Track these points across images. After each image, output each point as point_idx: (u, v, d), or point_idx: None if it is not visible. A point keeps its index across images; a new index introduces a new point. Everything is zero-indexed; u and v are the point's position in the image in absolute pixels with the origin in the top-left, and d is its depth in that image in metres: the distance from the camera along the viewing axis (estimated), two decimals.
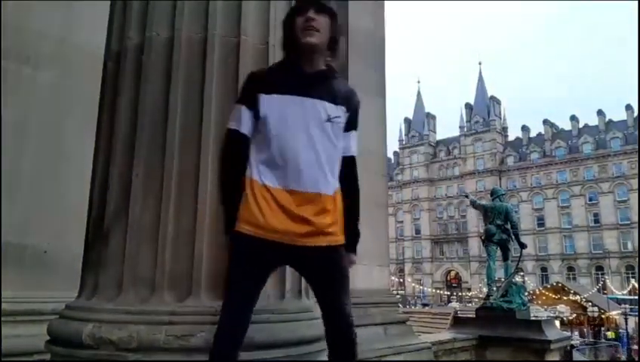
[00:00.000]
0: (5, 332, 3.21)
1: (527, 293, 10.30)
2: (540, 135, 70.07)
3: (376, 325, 4.84)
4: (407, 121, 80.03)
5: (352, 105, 1.77)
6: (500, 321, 7.04)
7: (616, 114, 65.71)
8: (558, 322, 21.87)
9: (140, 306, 2.01)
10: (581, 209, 61.80)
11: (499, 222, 8.18)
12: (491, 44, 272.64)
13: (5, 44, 3.89)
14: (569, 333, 14.41)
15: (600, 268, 58.65)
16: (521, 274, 19.29)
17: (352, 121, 1.80)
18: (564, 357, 7.53)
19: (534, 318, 8.99)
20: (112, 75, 2.46)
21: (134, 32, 2.38)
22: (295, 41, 1.69)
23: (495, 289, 7.84)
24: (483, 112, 73.07)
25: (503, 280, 7.95)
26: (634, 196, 54.48)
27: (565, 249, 62.37)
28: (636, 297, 36.86)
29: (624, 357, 22.42)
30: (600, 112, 65.71)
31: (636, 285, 43.58)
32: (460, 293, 58.77)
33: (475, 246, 61.15)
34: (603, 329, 29.21)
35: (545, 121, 70.09)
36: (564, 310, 30.34)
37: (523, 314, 7.37)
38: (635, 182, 52.93)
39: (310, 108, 1.65)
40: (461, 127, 74.42)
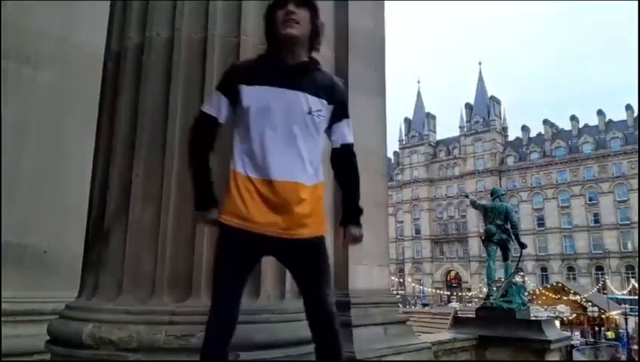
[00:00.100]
0: (5, 332, 3.21)
1: (527, 293, 10.29)
2: (540, 135, 70.01)
3: (376, 325, 4.83)
4: (407, 121, 79.97)
5: (335, 95, 1.78)
6: (500, 321, 7.04)
7: (616, 114, 65.77)
8: (558, 322, 21.86)
9: (140, 306, 2.01)
10: (581, 209, 61.75)
11: (499, 222, 8.17)
12: (491, 44, 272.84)
13: (5, 44, 3.89)
14: (569, 333, 14.39)
15: (600, 268, 58.60)
16: (521, 274, 19.28)
17: (341, 110, 1.80)
18: (564, 357, 7.52)
19: (534, 318, 8.98)
20: (112, 75, 2.46)
21: (134, 32, 2.38)
22: (276, 34, 1.71)
23: (495, 289, 7.83)
24: (483, 112, 73.03)
25: (503, 280, 7.93)
26: (634, 196, 54.44)
27: (565, 249, 62.31)
28: (636, 297, 36.84)
29: (624, 357, 22.40)
30: (600, 112, 65.65)
31: (636, 285, 43.56)
32: (460, 293, 58.70)
33: (475, 246, 61.09)
34: (603, 329, 29.18)
35: (545, 121, 70.04)
36: (564, 310, 30.31)
37: (523, 314, 7.37)
38: (635, 182, 52.90)
39: (291, 100, 1.67)
40: (461, 127, 74.37)
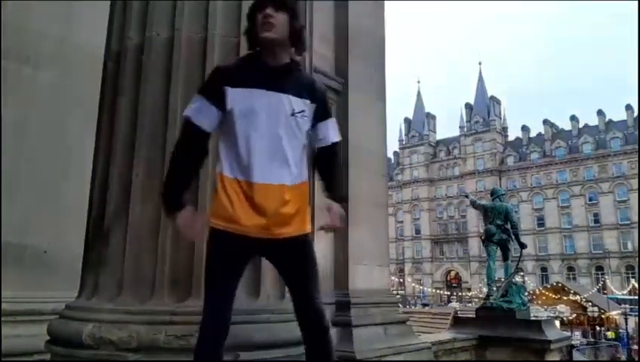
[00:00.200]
0: (5, 332, 3.21)
1: (527, 293, 10.30)
2: (540, 135, 70.01)
3: (376, 325, 4.84)
4: (407, 121, 79.97)
5: (317, 95, 1.80)
6: (500, 321, 7.04)
7: (616, 114, 65.76)
8: (558, 322, 21.86)
9: (140, 306, 2.01)
10: (581, 209, 61.74)
11: (499, 222, 8.18)
12: (491, 44, 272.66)
13: (5, 44, 3.89)
14: (569, 333, 14.38)
15: (600, 268, 58.59)
16: (521, 274, 19.29)
17: (324, 109, 1.82)
18: (564, 357, 7.52)
19: (534, 318, 8.99)
20: (112, 75, 2.46)
21: (134, 32, 2.38)
22: (256, 37, 1.74)
23: (495, 289, 7.84)
24: (483, 112, 73.02)
25: (503, 280, 7.94)
26: (634, 196, 54.43)
27: (565, 249, 62.29)
28: (636, 297, 36.84)
29: (624, 357, 22.40)
30: (600, 112, 65.64)
31: (636, 285, 43.55)
32: (460, 293, 58.69)
33: (475, 246, 61.09)
34: (603, 329, 29.18)
35: (545, 121, 70.03)
36: (564, 310, 30.32)
37: (523, 314, 7.37)
38: (635, 182, 52.88)
39: (275, 102, 1.69)
40: (461, 127, 74.36)
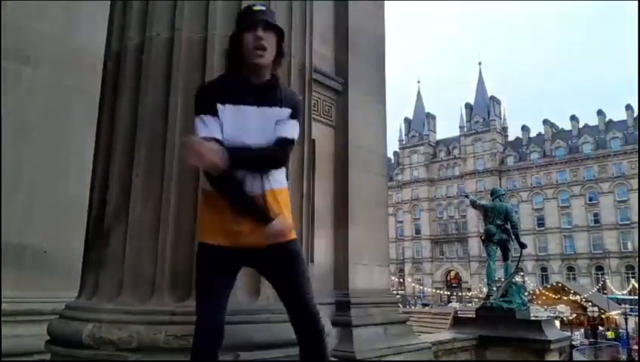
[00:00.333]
0: (5, 332, 3.21)
1: (527, 293, 10.30)
2: (540, 135, 70.01)
3: (376, 325, 4.84)
4: (407, 121, 79.97)
5: (292, 102, 1.81)
6: (500, 321, 7.05)
7: (616, 114, 65.76)
8: (558, 322, 21.85)
9: (140, 306, 2.01)
10: (581, 209, 61.75)
11: (499, 222, 8.18)
12: (491, 43, 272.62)
13: (5, 44, 3.89)
14: (569, 333, 14.38)
15: (600, 268, 58.61)
16: (521, 274, 19.29)
17: (293, 112, 1.80)
18: (564, 357, 7.52)
19: (534, 318, 8.99)
20: (112, 75, 2.46)
21: (134, 32, 2.38)
22: (244, 58, 1.73)
23: (495, 289, 7.84)
24: (483, 112, 73.02)
25: (503, 280, 7.95)
26: (634, 196, 54.45)
27: (565, 249, 62.31)
28: (636, 297, 36.86)
29: (624, 357, 22.39)
30: (600, 112, 65.64)
31: (636, 285, 43.57)
32: (460, 293, 58.69)
33: (475, 246, 61.10)
34: (602, 329, 29.18)
35: (545, 121, 70.03)
36: (564, 310, 30.33)
37: (523, 314, 7.38)
38: (635, 182, 52.89)
39: (261, 118, 1.71)
40: (461, 127, 74.36)
